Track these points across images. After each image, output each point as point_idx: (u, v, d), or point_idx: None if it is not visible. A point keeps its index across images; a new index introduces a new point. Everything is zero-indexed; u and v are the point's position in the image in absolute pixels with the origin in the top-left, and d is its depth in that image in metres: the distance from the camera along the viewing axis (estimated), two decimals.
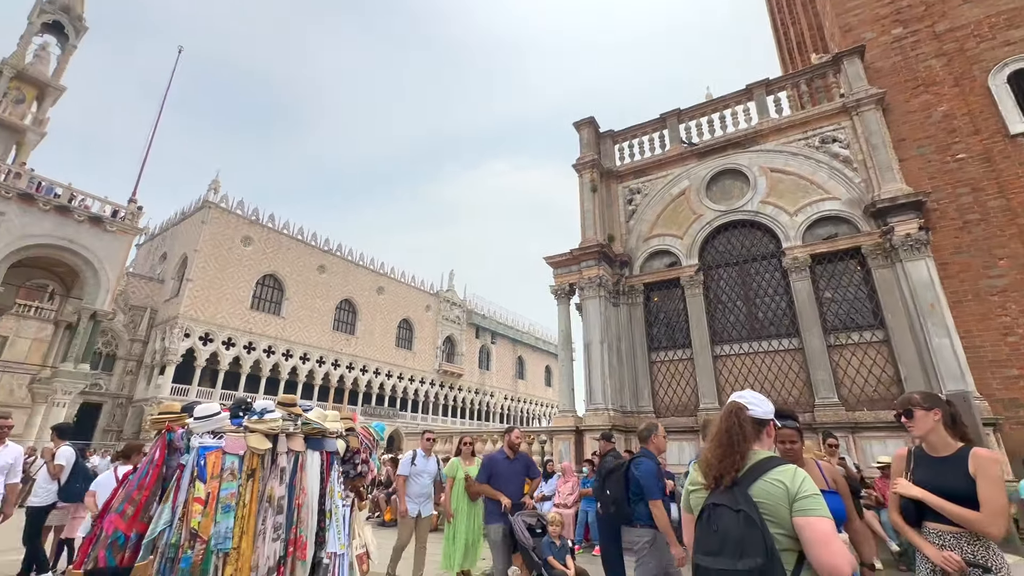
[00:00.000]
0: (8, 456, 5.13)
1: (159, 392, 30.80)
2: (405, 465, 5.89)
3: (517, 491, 5.09)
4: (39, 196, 19.67)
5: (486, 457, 5.41)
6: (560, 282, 11.90)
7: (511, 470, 5.19)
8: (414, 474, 5.83)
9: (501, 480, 5.10)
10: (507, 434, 5.45)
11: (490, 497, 5.06)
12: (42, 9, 23.49)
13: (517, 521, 4.75)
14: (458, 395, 53.20)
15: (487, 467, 5.26)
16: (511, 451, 5.31)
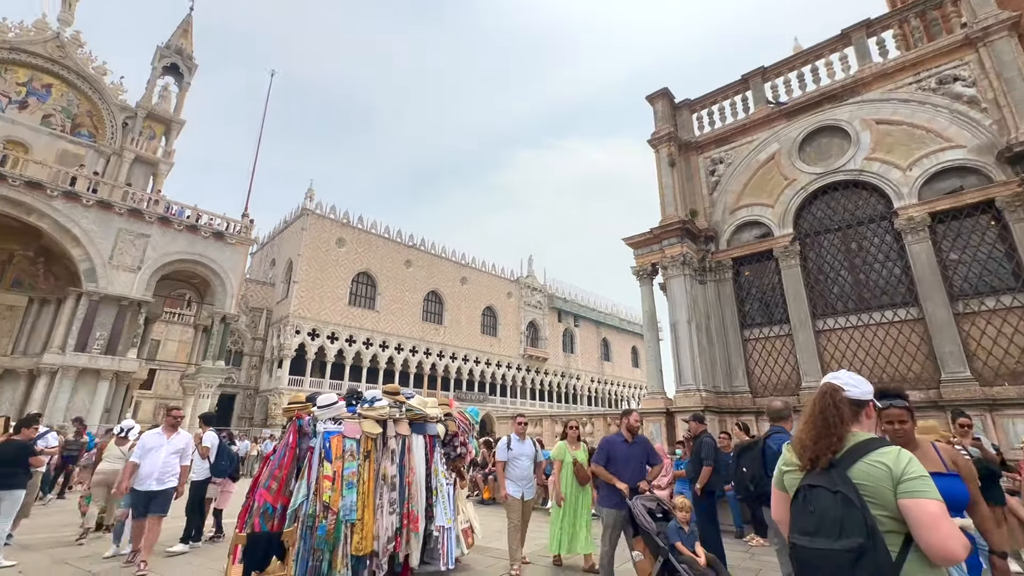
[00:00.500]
0: (180, 442, 5.95)
1: (279, 383, 34.62)
2: (502, 451, 5.90)
3: (635, 475, 4.84)
4: (173, 219, 22.83)
5: (604, 440, 5.21)
6: (641, 262, 11.65)
7: (629, 454, 4.97)
8: (512, 458, 5.83)
9: (618, 463, 4.91)
10: (625, 416, 5.15)
11: (606, 481, 4.88)
12: (161, 55, 26.97)
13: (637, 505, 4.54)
14: (544, 379, 53.92)
15: (604, 449, 5.06)
16: (629, 434, 5.06)
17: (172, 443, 5.87)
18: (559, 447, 5.83)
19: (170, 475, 5.76)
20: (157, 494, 5.65)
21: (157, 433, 5.92)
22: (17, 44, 22.36)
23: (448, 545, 5.49)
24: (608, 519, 4.87)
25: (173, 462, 5.81)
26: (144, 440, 5.82)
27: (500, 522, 8.74)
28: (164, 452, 5.75)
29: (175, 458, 5.83)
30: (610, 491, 4.86)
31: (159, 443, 5.80)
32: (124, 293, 20.79)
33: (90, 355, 19.69)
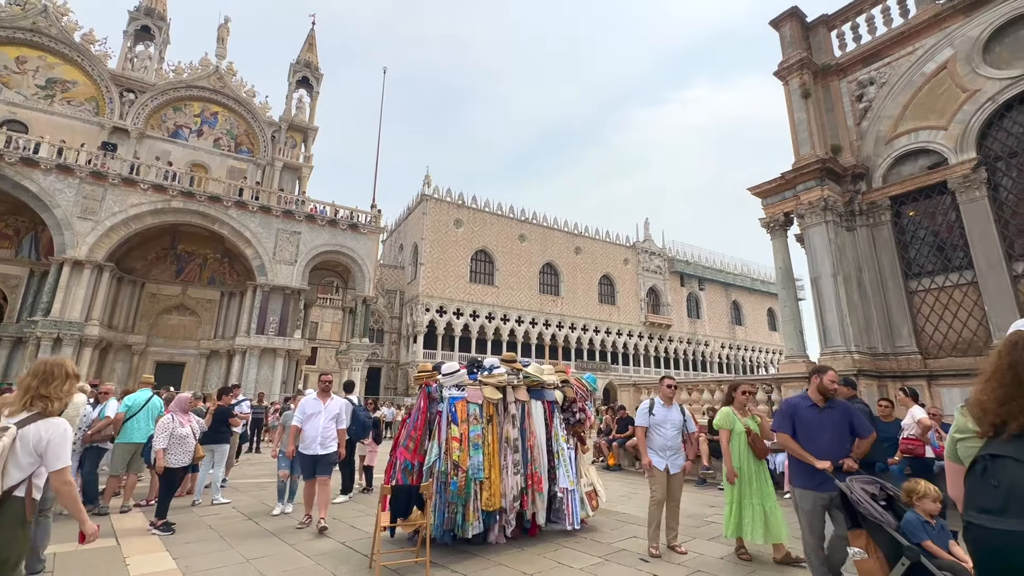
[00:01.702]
0: (335, 407, 6.14)
1: (415, 357, 38.11)
2: (643, 415, 5.24)
3: (832, 449, 3.81)
4: (317, 216, 26.04)
5: (786, 403, 4.20)
6: (772, 213, 10.41)
7: (822, 421, 3.92)
8: (654, 424, 5.15)
9: (808, 434, 3.90)
10: (817, 376, 4.07)
11: (795, 456, 3.94)
12: (294, 70, 30.46)
13: (855, 489, 3.45)
14: (668, 346, 51.80)
15: (787, 416, 4.04)
16: (821, 397, 4.00)
17: (328, 409, 6.06)
18: (725, 414, 4.99)
19: (331, 440, 6.01)
20: (321, 458, 5.91)
21: (314, 399, 6.10)
22: (191, 82, 26.87)
23: (573, 506, 5.63)
24: (804, 502, 3.87)
25: (331, 427, 6.02)
26: (304, 405, 6.06)
27: (625, 487, 8.73)
28: (323, 418, 5.96)
29: (333, 424, 6.07)
30: (802, 468, 3.92)
31: (317, 409, 6.00)
32: (286, 283, 24.36)
33: (267, 336, 23.56)
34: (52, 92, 23.94)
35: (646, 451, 5.16)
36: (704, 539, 5.45)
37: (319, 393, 6.20)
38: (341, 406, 6.25)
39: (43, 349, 19.06)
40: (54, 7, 24.35)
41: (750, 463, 4.80)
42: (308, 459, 5.92)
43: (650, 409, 5.25)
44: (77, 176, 20.80)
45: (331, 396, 6.21)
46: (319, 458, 5.92)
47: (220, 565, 4.66)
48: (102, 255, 20.85)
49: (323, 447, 5.92)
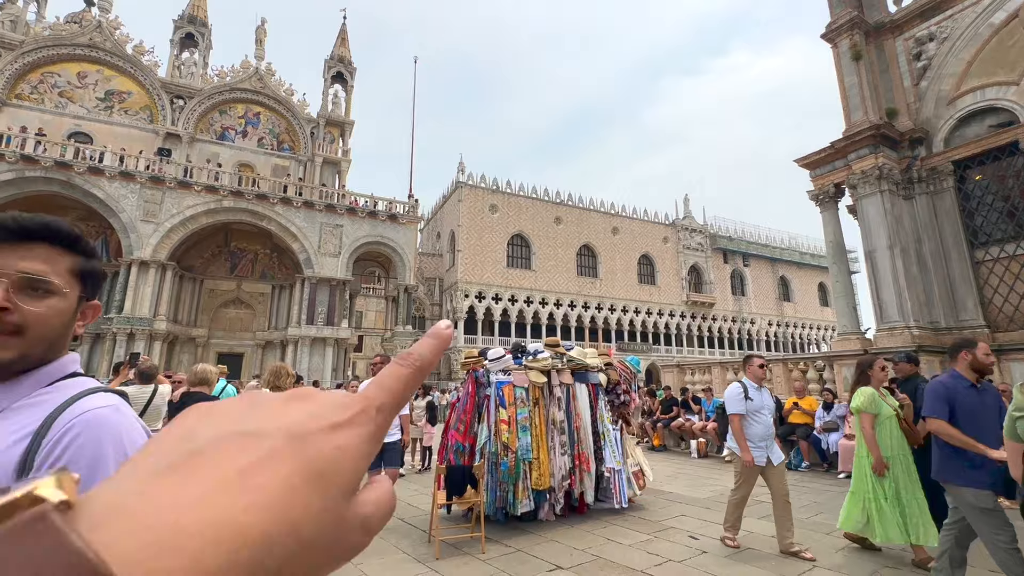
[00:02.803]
0: None
1: (456, 343, 38.87)
2: (738, 400, 4.56)
3: (991, 437, 3.24)
4: (358, 208, 26.80)
5: (938, 383, 3.54)
6: (821, 184, 9.97)
7: (984, 403, 3.35)
8: (752, 411, 4.52)
9: (972, 419, 3.31)
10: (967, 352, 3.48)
11: (960, 446, 3.27)
12: (328, 66, 31.11)
13: None
14: (712, 325, 50.55)
15: (942, 397, 3.40)
16: (975, 374, 3.44)
17: None
18: (868, 396, 4.20)
19: (394, 426, 5.63)
20: (385, 448, 5.44)
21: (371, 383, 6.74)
22: (234, 85, 27.96)
23: (620, 485, 5.75)
24: (983, 500, 3.19)
25: None
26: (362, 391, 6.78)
27: (671, 467, 8.77)
28: None
29: None
30: (964, 460, 3.31)
31: None
32: (332, 275, 25.31)
33: (317, 327, 24.65)
34: (111, 103, 25.51)
35: (746, 445, 4.46)
36: (754, 518, 5.46)
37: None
38: None
39: (119, 344, 20.71)
40: (107, 22, 25.80)
41: (904, 452, 4.12)
42: None
43: (745, 394, 4.59)
44: (138, 182, 22.21)
45: None
46: (383, 448, 5.85)
47: None
48: (164, 255, 22.30)
49: (388, 437, 5.35)
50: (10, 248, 0.79)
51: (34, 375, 0.82)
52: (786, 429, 8.55)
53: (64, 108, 24.51)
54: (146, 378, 5.15)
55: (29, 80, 24.13)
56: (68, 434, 0.78)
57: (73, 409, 0.80)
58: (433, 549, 4.52)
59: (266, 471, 0.20)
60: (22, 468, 0.75)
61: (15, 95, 23.72)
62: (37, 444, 0.76)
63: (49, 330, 0.81)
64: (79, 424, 0.79)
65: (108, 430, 0.81)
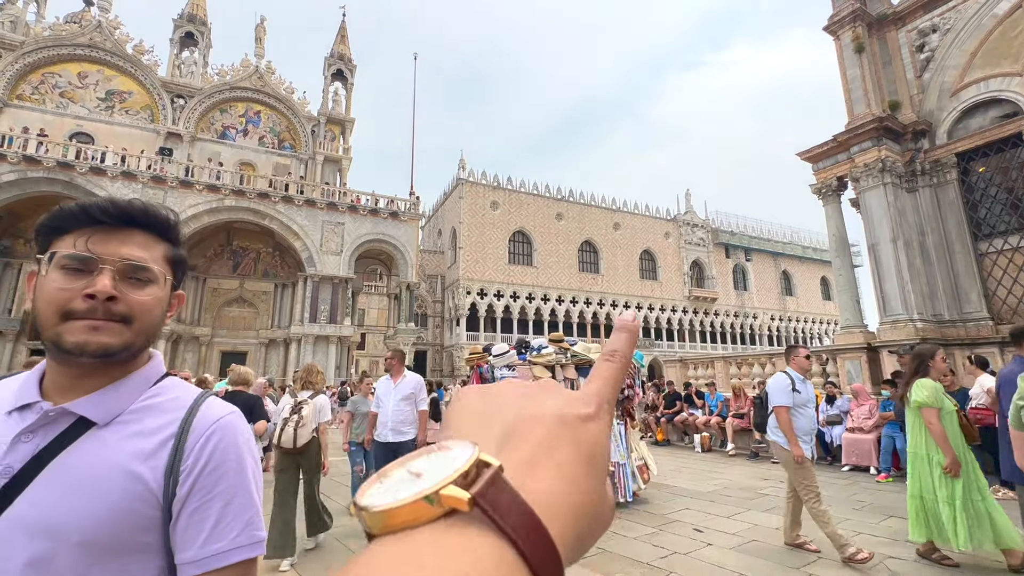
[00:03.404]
0: (407, 386, 5.27)
1: (458, 339, 38.93)
2: (785, 392, 4.29)
3: None
4: (359, 206, 26.81)
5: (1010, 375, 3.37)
6: (823, 178, 9.95)
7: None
8: (799, 405, 4.29)
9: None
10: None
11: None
12: (328, 64, 31.05)
13: None
14: (714, 320, 50.52)
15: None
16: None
17: (399, 388, 5.21)
18: (932, 389, 3.82)
19: (407, 424, 5.19)
20: (396, 447, 5.09)
21: (386, 380, 5.40)
22: (234, 84, 27.95)
23: (624, 480, 5.78)
24: None
25: (405, 410, 5.18)
26: (377, 388, 5.47)
27: (675, 462, 8.80)
28: (393, 399, 5.17)
29: (406, 405, 5.20)
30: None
31: (387, 390, 5.26)
32: (334, 273, 25.35)
33: (319, 324, 24.71)
34: (111, 103, 25.53)
35: (796, 439, 4.18)
36: (759, 511, 5.48)
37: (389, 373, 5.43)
38: (415, 384, 5.32)
39: None
40: (107, 22, 25.78)
41: (965, 451, 3.83)
42: (381, 448, 5.20)
43: (793, 386, 4.32)
44: (140, 181, 22.26)
45: (403, 374, 5.35)
46: (393, 448, 5.14)
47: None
48: None
49: (396, 433, 5.15)
50: (109, 233, 0.77)
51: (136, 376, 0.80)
52: None
53: (65, 108, 24.54)
54: None
55: (30, 81, 24.16)
56: (212, 440, 0.78)
57: (205, 415, 0.80)
58: None
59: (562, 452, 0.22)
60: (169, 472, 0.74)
61: (16, 96, 23.75)
62: (180, 449, 0.76)
63: (151, 320, 0.79)
64: (220, 430, 0.79)
65: (243, 435, 0.83)
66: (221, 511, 0.75)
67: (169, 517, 0.74)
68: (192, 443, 0.77)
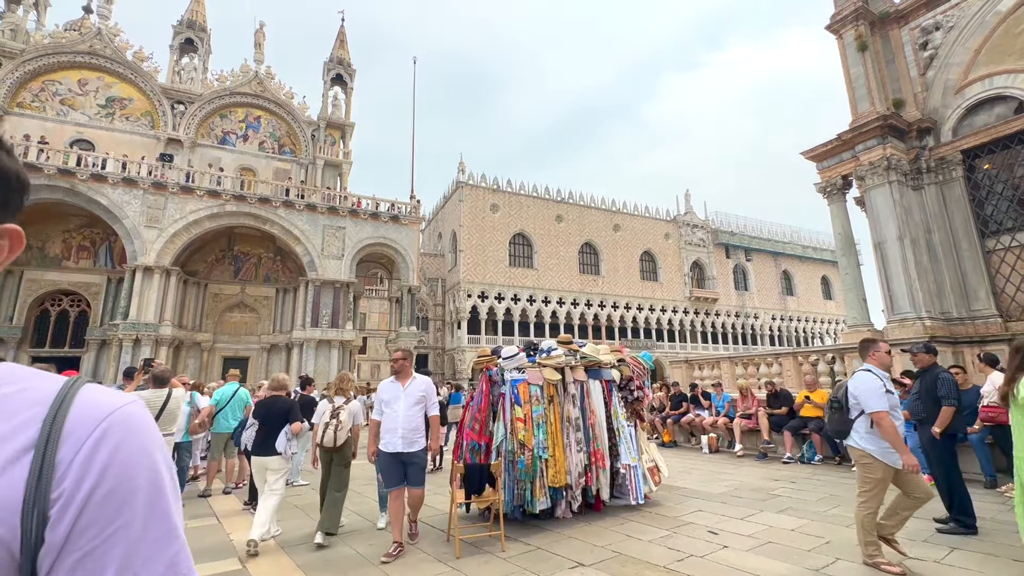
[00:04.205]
0: (418, 387, 4.70)
1: (460, 342, 38.87)
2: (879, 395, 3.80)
3: None
4: (360, 210, 26.79)
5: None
6: (828, 176, 9.93)
7: None
8: (892, 407, 3.83)
9: None
10: None
11: None
12: (328, 68, 31.10)
13: None
14: (715, 320, 50.50)
15: None
16: None
17: (409, 392, 4.63)
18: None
19: (417, 433, 4.57)
20: (406, 458, 4.54)
21: (391, 382, 4.79)
22: (234, 89, 27.98)
23: (636, 482, 5.73)
24: None
25: (416, 416, 4.59)
26: (380, 392, 4.80)
27: (684, 463, 8.75)
28: (403, 404, 4.58)
29: (418, 411, 4.63)
30: None
31: (395, 393, 4.66)
32: (336, 277, 25.31)
33: (321, 329, 24.65)
34: (112, 110, 25.53)
35: (906, 447, 3.75)
36: (772, 512, 5.43)
37: (396, 375, 4.83)
38: (425, 386, 4.75)
39: (125, 349, 20.74)
40: (107, 29, 25.81)
41: None
42: (389, 459, 4.56)
43: (886, 386, 3.87)
44: (141, 188, 22.23)
45: (412, 375, 4.80)
46: (404, 459, 4.55)
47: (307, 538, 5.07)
48: (168, 260, 22.31)
49: (407, 442, 4.52)
50: None
51: None
52: (798, 423, 8.52)
53: (66, 116, 24.54)
54: (160, 382, 5.15)
55: (30, 88, 24.16)
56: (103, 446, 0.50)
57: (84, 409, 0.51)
58: (453, 548, 4.50)
59: None
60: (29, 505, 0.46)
61: (16, 103, 23.75)
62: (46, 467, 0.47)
63: None
64: (115, 430, 0.51)
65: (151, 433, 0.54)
66: (125, 558, 0.48)
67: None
68: (67, 455, 0.48)
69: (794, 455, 8.36)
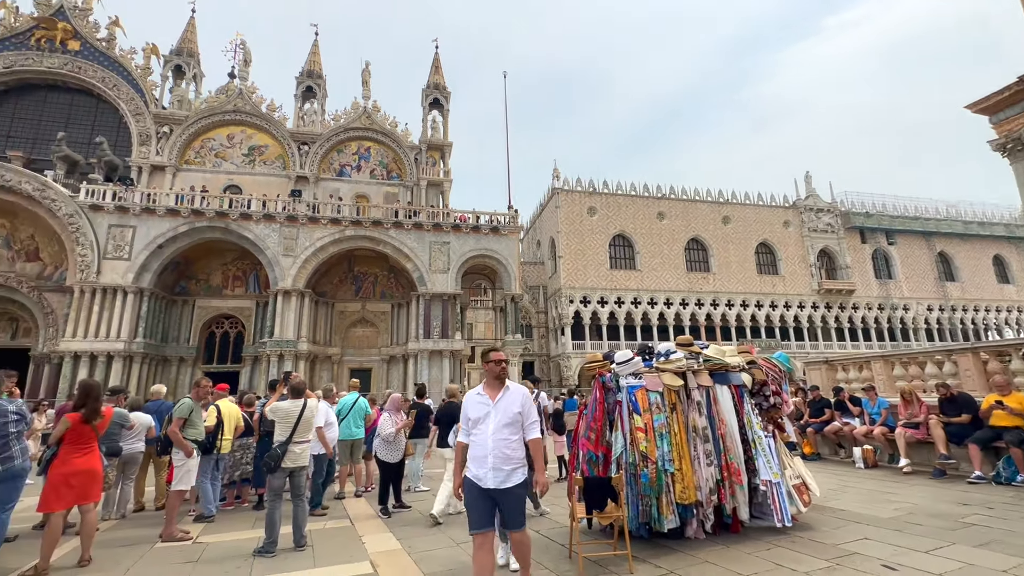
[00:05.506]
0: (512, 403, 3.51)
1: (564, 349, 38.58)
2: None
3: None
4: (462, 224, 27.95)
5: None
6: (1007, 130, 8.10)
7: None
8: None
9: None
10: None
11: None
12: (425, 95, 33.16)
13: None
14: (852, 314, 44.46)
15: None
16: None
17: (501, 408, 3.48)
18: None
19: (513, 461, 3.38)
20: (500, 496, 3.34)
21: (478, 394, 3.64)
22: (347, 126, 30.95)
23: (780, 501, 5.02)
24: None
25: (510, 440, 3.41)
26: (466, 407, 3.66)
27: (833, 479, 7.61)
28: (492, 424, 3.44)
29: (511, 432, 3.43)
30: None
31: (483, 410, 3.52)
32: (443, 290, 26.57)
33: (433, 340, 25.97)
34: (252, 157, 29.59)
35: None
36: (969, 545, 4.40)
37: (487, 382, 3.65)
38: (522, 401, 3.55)
39: (271, 364, 23.65)
40: (246, 89, 30.08)
41: None
42: (476, 493, 3.39)
43: None
44: (277, 221, 25.37)
45: (506, 386, 3.59)
46: (494, 496, 3.36)
47: (434, 547, 5.15)
48: (302, 283, 25.12)
49: (499, 475, 3.35)
50: None
51: None
52: (988, 434, 6.97)
53: (219, 166, 28.95)
54: (297, 393, 5.61)
55: (193, 147, 28.95)
56: None
57: None
58: (576, 566, 4.27)
59: None
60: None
61: (184, 161, 28.55)
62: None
63: None
64: None
65: None
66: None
67: None
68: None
69: (985, 473, 6.83)
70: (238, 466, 7.33)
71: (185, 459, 5.86)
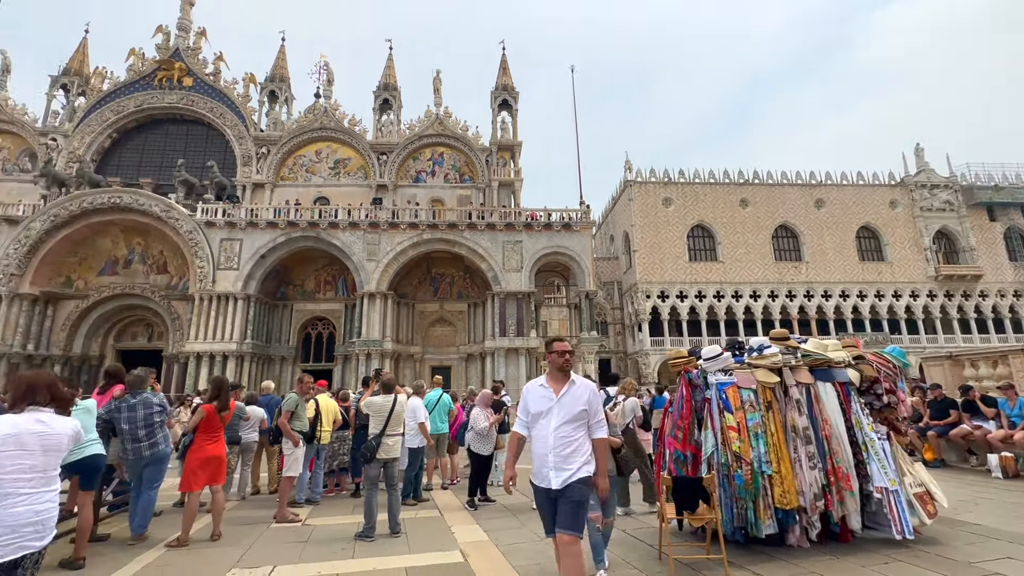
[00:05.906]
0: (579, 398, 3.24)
1: (642, 345, 37.43)
2: None
3: None
4: (534, 222, 28.11)
5: None
6: None
7: None
8: None
9: None
10: None
11: None
12: (494, 97, 33.72)
13: None
14: (978, 303, 38.95)
15: None
16: None
17: (566, 403, 3.24)
18: None
19: (577, 460, 3.15)
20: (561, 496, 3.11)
21: (540, 386, 3.40)
22: (421, 133, 32.29)
23: (899, 510, 4.54)
24: None
25: (573, 438, 3.19)
26: (526, 398, 3.42)
27: (962, 490, 6.78)
28: (555, 420, 3.22)
29: (574, 429, 3.21)
30: None
31: (545, 404, 3.28)
32: (517, 288, 26.87)
33: (508, 338, 26.36)
34: (338, 170, 31.80)
35: None
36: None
37: (551, 374, 3.42)
38: (588, 396, 3.30)
39: (360, 362, 25.27)
40: (330, 106, 32.38)
41: None
42: (541, 496, 3.26)
43: None
44: (361, 229, 27.05)
45: (572, 380, 3.34)
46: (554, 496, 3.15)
47: (519, 540, 5.24)
48: (385, 286, 26.59)
49: (560, 475, 3.12)
50: None
51: None
52: None
53: (309, 180, 31.42)
54: (387, 389, 5.95)
55: (287, 164, 31.67)
56: None
57: None
58: (666, 568, 4.15)
59: None
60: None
61: (280, 177, 31.32)
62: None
63: None
64: None
65: None
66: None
67: None
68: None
69: None
70: (336, 456, 7.92)
71: (293, 448, 6.44)
